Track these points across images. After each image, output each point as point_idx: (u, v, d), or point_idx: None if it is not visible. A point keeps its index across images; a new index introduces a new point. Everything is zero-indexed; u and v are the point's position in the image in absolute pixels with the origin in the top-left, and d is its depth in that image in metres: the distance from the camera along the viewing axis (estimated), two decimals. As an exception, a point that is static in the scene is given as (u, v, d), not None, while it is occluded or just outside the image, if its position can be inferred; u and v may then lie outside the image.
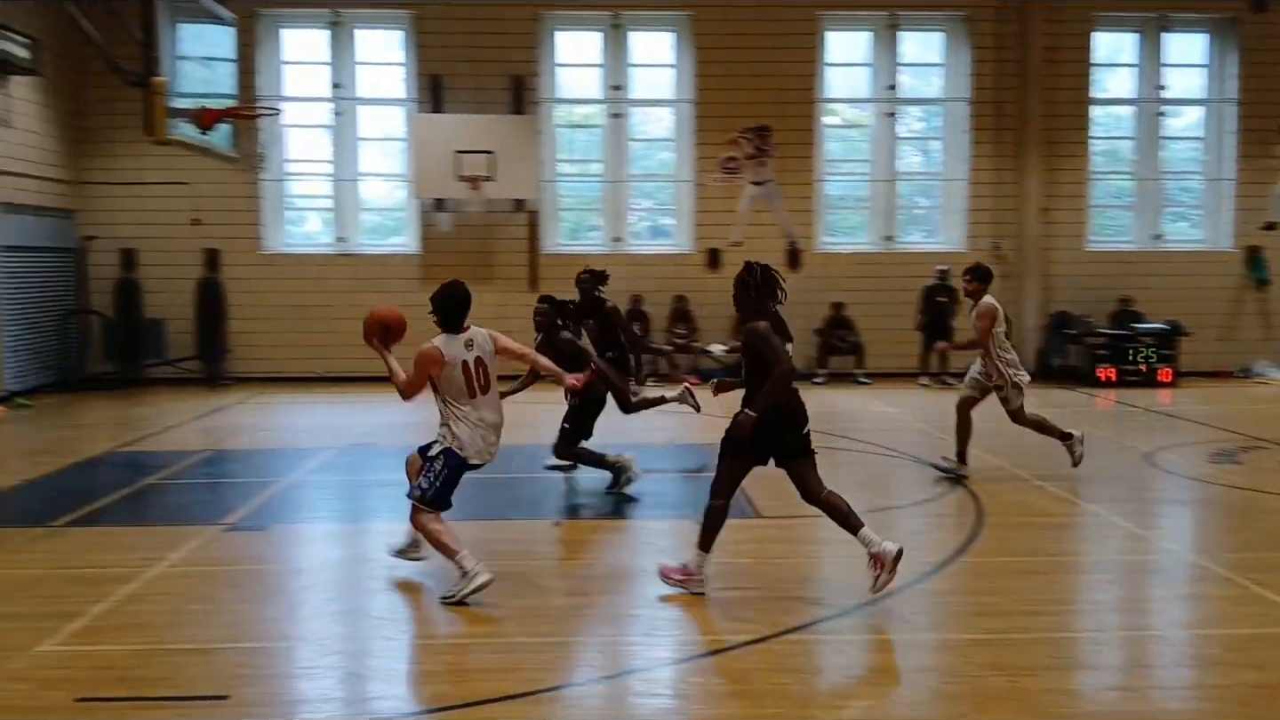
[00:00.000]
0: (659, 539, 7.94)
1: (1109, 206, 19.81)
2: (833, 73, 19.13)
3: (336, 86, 18.53)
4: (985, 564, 7.17)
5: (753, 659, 5.44)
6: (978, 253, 18.77)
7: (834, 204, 19.66)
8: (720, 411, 8.10)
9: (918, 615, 6.26)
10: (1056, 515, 8.57)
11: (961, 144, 18.95)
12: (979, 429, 10.36)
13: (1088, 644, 5.84)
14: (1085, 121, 18.90)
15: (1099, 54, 19.10)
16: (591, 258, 18.69)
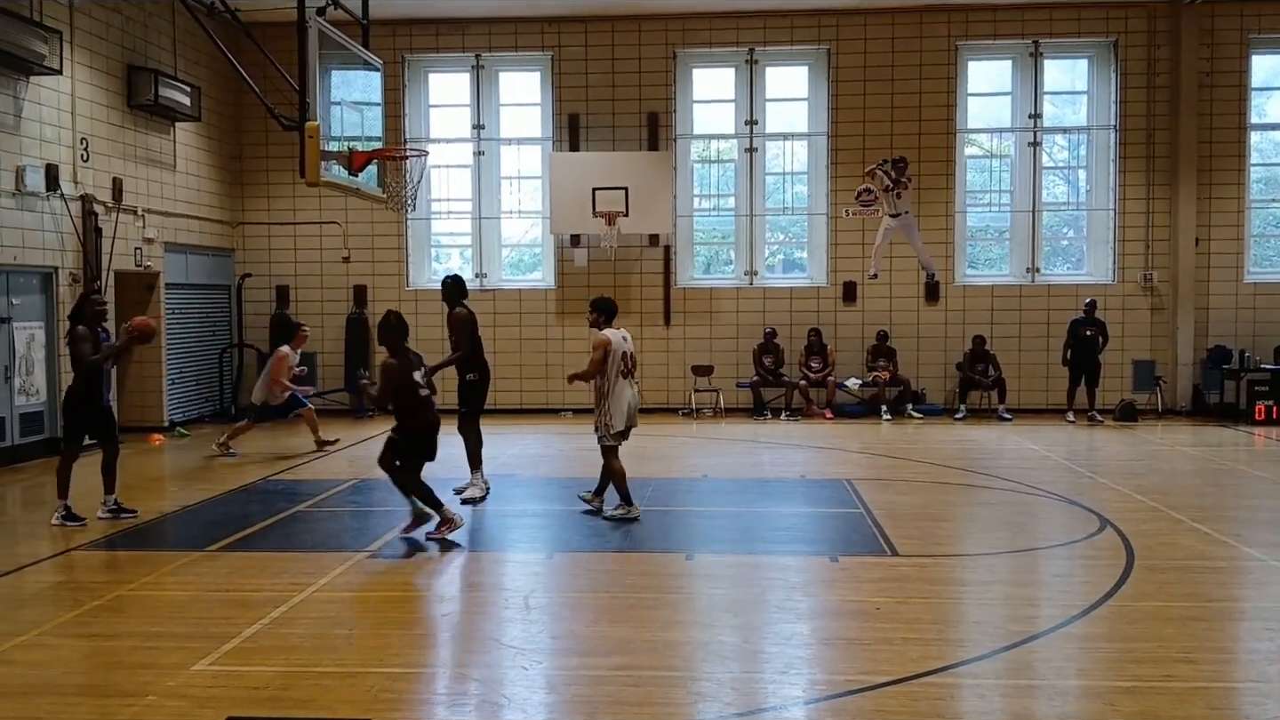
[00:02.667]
0: (790, 574, 7.85)
1: (1270, 236, 18.92)
2: (973, 102, 18.81)
3: (479, 127, 19.05)
4: (1136, 609, 6.87)
5: (889, 701, 5.32)
6: (1127, 284, 18.19)
7: (974, 235, 19.28)
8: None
9: (1064, 661, 6.03)
10: (1214, 559, 8.16)
11: (1109, 173, 18.39)
12: (1130, 468, 9.97)
13: (1248, 695, 5.54)
14: (1242, 147, 18.12)
15: (1257, 77, 18.31)
16: (725, 291, 18.81)
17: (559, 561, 8.43)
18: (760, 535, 9.36)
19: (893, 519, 9.63)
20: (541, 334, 18.78)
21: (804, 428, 16.74)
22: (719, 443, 15.31)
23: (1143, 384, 18.06)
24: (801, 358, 18.23)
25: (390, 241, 18.89)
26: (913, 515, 9.96)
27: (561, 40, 18.59)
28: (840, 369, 18.24)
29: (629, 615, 6.79)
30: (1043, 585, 7.78)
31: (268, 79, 12.44)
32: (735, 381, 18.32)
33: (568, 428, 16.70)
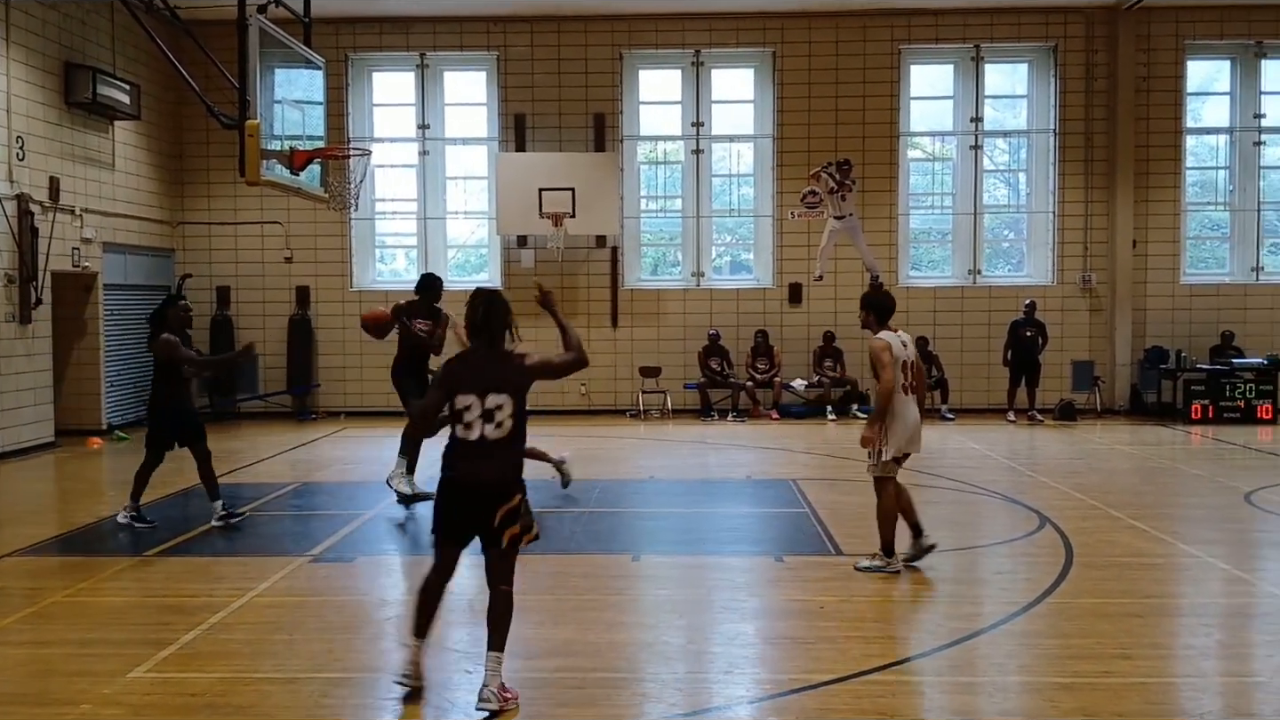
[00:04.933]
0: (736, 575, 7.87)
1: (1205, 238, 19.31)
2: (916, 106, 19.01)
3: (424, 127, 18.92)
4: (1074, 605, 6.97)
5: (833, 699, 5.34)
6: (1066, 286, 18.47)
7: (917, 238, 19.48)
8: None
9: (1005, 658, 6.10)
10: (1151, 556, 8.30)
11: (1048, 176, 18.67)
12: (1069, 466, 10.13)
13: (1184, 690, 5.63)
14: (1179, 151, 18.49)
15: (1192, 82, 18.69)
16: (672, 292, 18.84)
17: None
18: (706, 536, 9.38)
19: (837, 518, 9.70)
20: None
21: (750, 428, 16.81)
22: (666, 444, 15.33)
23: (1081, 384, 18.35)
24: (748, 359, 18.31)
25: (334, 242, 18.70)
26: (857, 515, 10.02)
27: (507, 40, 18.52)
28: (786, 370, 18.34)
29: (574, 617, 6.77)
30: (984, 583, 7.87)
31: (208, 77, 12.25)
32: (683, 383, 18.35)
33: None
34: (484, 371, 5.40)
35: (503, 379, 5.37)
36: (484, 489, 5.30)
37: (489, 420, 5.28)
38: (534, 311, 6.10)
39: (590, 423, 17.41)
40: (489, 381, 5.34)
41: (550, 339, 6.18)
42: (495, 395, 5.31)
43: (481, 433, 5.28)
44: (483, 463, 5.28)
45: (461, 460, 5.31)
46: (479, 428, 5.28)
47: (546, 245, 18.10)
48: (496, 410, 5.29)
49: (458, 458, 5.33)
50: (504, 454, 5.32)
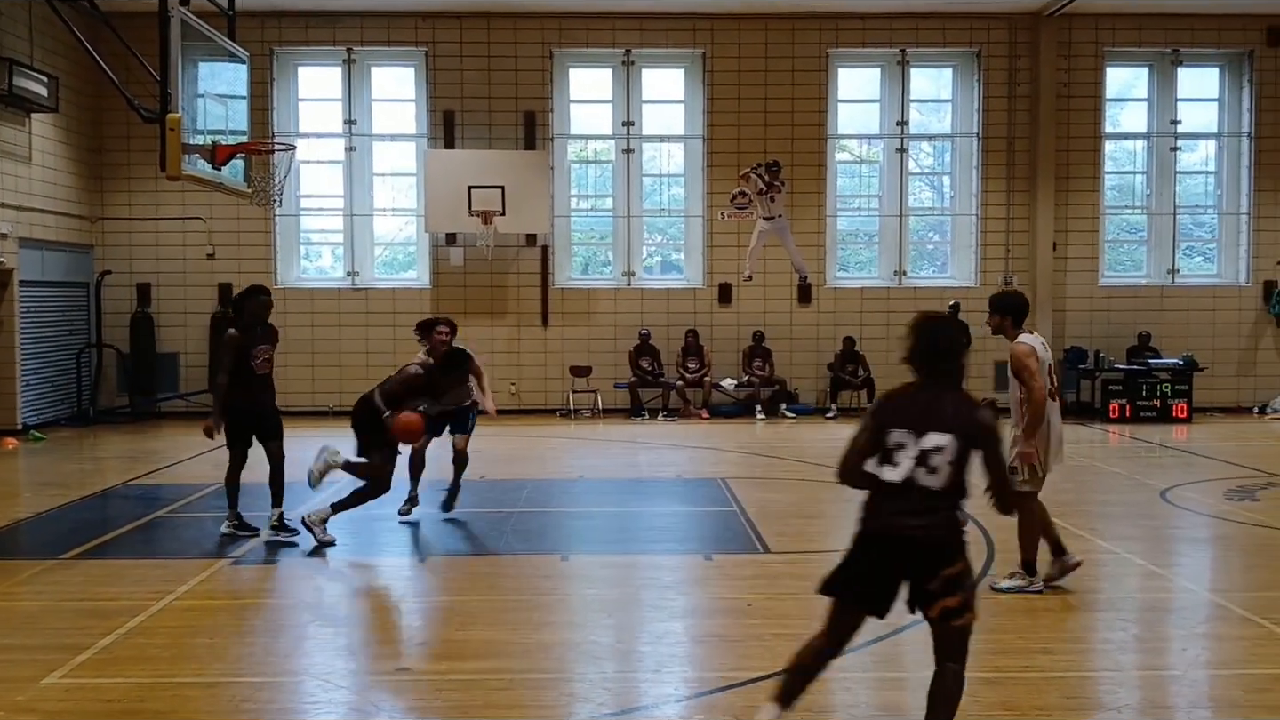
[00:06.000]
0: (664, 573, 7.89)
1: (1123, 241, 19.78)
2: (843, 109, 19.22)
3: (350, 123, 18.69)
4: (996, 601, 7.09)
5: (760, 696, 5.35)
6: (989, 287, 18.77)
7: (845, 239, 19.69)
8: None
9: (928, 654, 6.18)
10: (1070, 551, 8.44)
11: (972, 179, 18.99)
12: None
13: (1103, 684, 5.76)
14: (1098, 156, 18.92)
15: (1111, 89, 19.13)
16: (603, 292, 18.83)
17: (431, 565, 8.31)
18: (636, 535, 9.40)
19: (766, 517, 9.77)
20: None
21: (681, 428, 16.87)
22: (596, 443, 15.33)
23: (1004, 383, 18.62)
24: (679, 358, 18.37)
25: (258, 238, 18.39)
26: (785, 513, 10.13)
27: (436, 36, 18.36)
28: (716, 369, 18.43)
29: (502, 618, 6.73)
30: (909, 580, 7.96)
31: (129, 69, 11.96)
32: (613, 382, 18.35)
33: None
34: (929, 409, 4.45)
35: (949, 418, 4.41)
36: (916, 546, 4.40)
37: (922, 464, 4.37)
38: (457, 310, 6.02)
39: (520, 422, 17.33)
40: (931, 420, 4.41)
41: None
42: (936, 435, 4.38)
43: (911, 477, 4.38)
44: (915, 515, 4.37)
45: (888, 509, 4.42)
46: (909, 472, 4.38)
47: (476, 243, 17.99)
48: (935, 453, 4.37)
49: (883, 506, 4.45)
50: (943, 506, 4.41)
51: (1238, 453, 13.76)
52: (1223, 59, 19.04)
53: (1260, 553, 8.62)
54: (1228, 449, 14.11)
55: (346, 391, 17.51)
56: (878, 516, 4.44)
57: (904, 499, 4.35)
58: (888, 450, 4.42)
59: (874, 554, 4.45)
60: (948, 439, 4.35)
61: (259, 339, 8.84)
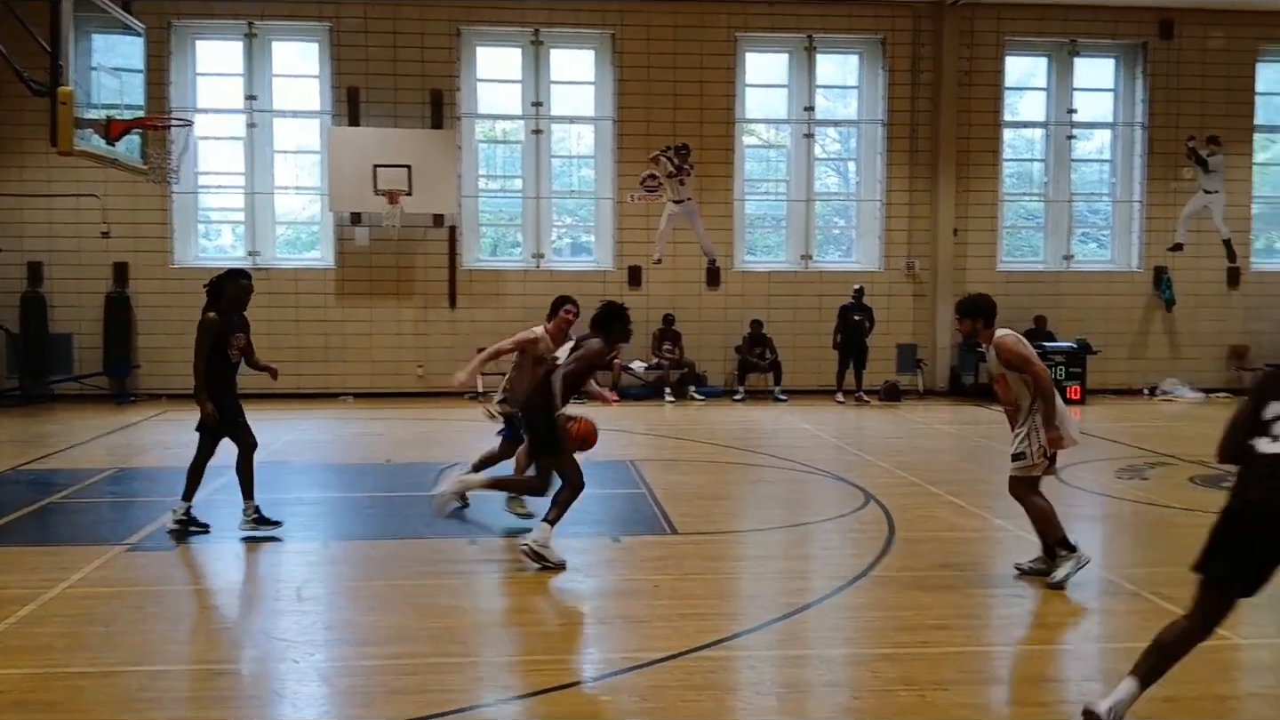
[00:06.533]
0: (572, 555, 7.90)
1: (1020, 227, 20.27)
2: (751, 93, 19.34)
3: (251, 98, 18.25)
4: (896, 578, 7.26)
5: (665, 676, 5.43)
6: (892, 272, 19.13)
7: (753, 223, 19.85)
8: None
9: (831, 631, 6.31)
10: (967, 530, 8.71)
11: (877, 165, 19.27)
12: (893, 445, 10.51)
13: (997, 658, 5.94)
14: (997, 144, 19.34)
15: (1011, 78, 19.56)
16: (512, 273, 18.72)
17: (335, 550, 8.20)
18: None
19: (674, 498, 9.84)
20: (320, 315, 18.18)
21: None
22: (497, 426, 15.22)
23: (905, 366, 19.07)
24: (587, 340, 18.32)
25: (154, 216, 17.86)
26: (693, 494, 10.22)
27: (340, 11, 18.01)
28: (626, 352, 18.41)
29: (408, 603, 6.68)
30: (812, 559, 8.12)
31: (18, 40, 11.48)
32: (521, 364, 18.23)
33: (346, 413, 16.30)
34: None
35: None
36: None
37: None
38: (362, 291, 5.94)
39: (427, 405, 17.17)
40: None
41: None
42: None
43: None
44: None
45: (1266, 482, 4.26)
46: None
47: (381, 223, 17.72)
48: None
49: (1259, 479, 4.29)
50: None
51: (1129, 433, 14.23)
52: (1118, 50, 19.59)
53: (1149, 530, 8.94)
54: (1119, 430, 14.59)
55: (245, 374, 17.08)
56: (1255, 489, 4.30)
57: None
58: (1265, 423, 4.36)
59: (1251, 529, 4.29)
60: None
61: (236, 325, 8.51)
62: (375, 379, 18.11)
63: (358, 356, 18.01)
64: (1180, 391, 18.82)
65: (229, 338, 8.43)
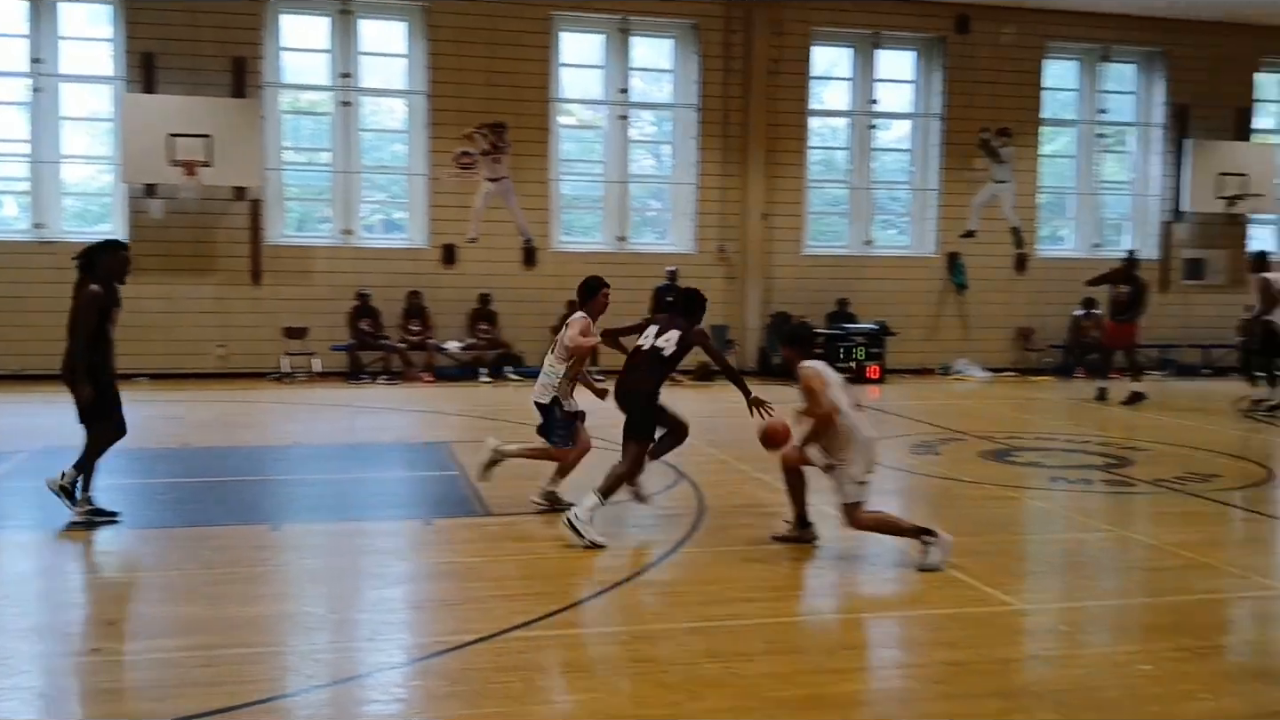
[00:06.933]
0: (382, 540, 7.77)
1: (825, 213, 20.92)
2: (567, 73, 19.30)
3: (36, 61, 17.10)
4: (705, 554, 7.42)
5: (476, 658, 5.39)
6: (706, 254, 19.47)
7: (569, 203, 19.85)
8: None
9: (641, 606, 6.40)
10: (772, 506, 8.89)
11: (690, 149, 19.54)
12: (704, 424, 10.68)
13: (801, 628, 6.14)
14: (804, 131, 19.88)
15: (817, 67, 20.13)
16: (320, 250, 18.18)
17: (129, 538, 7.80)
18: (354, 502, 9.19)
19: (488, 480, 9.74)
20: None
21: (403, 391, 16.58)
22: (313, 408, 14.83)
23: (718, 346, 19.38)
24: (400, 320, 18.00)
25: (-75, 184, 16.56)
26: (508, 475, 10.10)
27: (134, -28, 17.05)
28: (440, 332, 18.20)
29: (203, 593, 6.41)
30: (625, 536, 8.19)
31: None
32: (330, 344, 17.77)
33: (142, 395, 15.52)
34: None
35: None
36: None
37: None
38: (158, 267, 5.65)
39: (229, 386, 16.53)
40: None
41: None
42: None
43: None
44: None
45: None
46: None
47: (178, 195, 16.91)
48: None
49: None
50: None
51: (923, 411, 14.91)
52: (918, 43, 20.42)
53: (939, 501, 9.39)
54: (914, 408, 15.27)
55: (31, 354, 16.08)
56: None
57: None
58: None
59: None
60: None
61: (116, 299, 7.96)
62: (173, 359, 17.28)
63: (154, 335, 17.12)
64: (971, 371, 19.83)
65: (111, 311, 7.92)
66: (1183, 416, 14.68)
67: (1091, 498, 9.71)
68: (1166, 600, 6.72)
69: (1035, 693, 5.19)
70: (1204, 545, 7.91)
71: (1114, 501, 9.63)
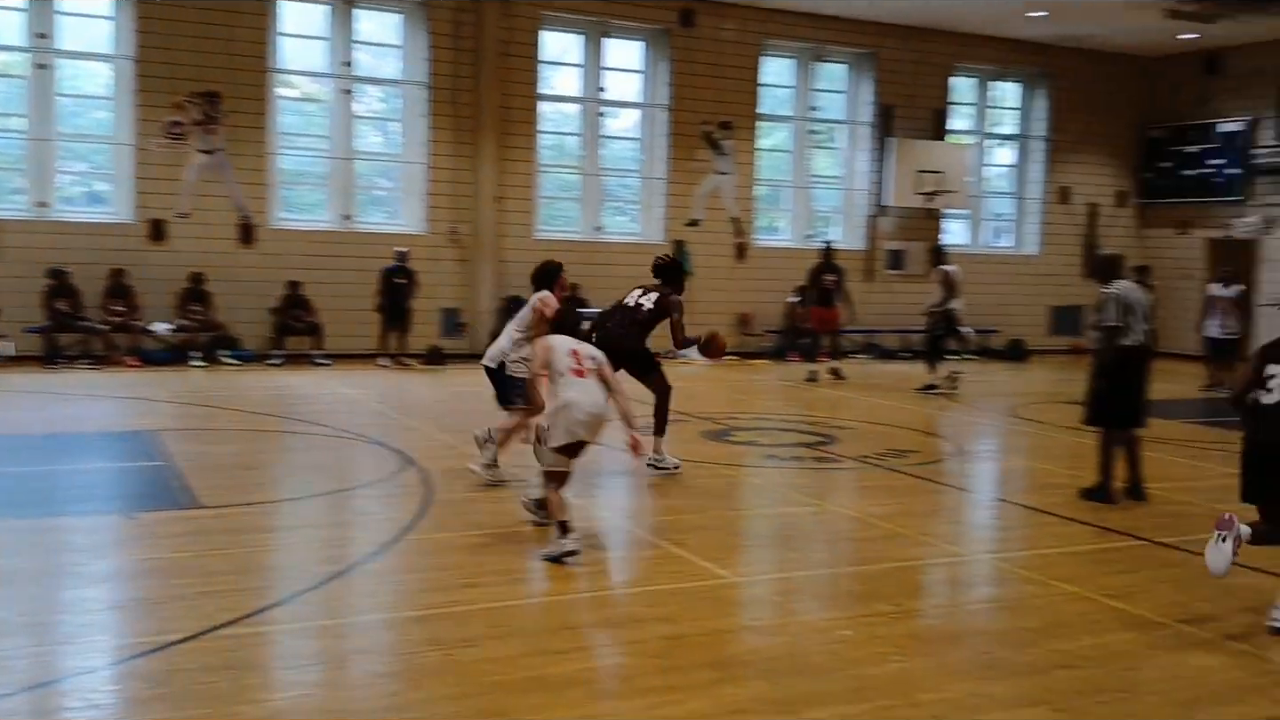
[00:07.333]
0: (79, 537, 7.25)
1: (557, 198, 21.08)
2: (288, 43, 18.52)
3: None
4: (430, 540, 7.35)
5: (181, 659, 5.12)
6: (437, 236, 19.23)
7: (290, 179, 19.10)
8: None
9: (361, 597, 6.27)
10: (501, 490, 8.94)
11: (420, 127, 19.20)
12: (434, 409, 10.58)
13: (524, 611, 6.17)
14: (535, 116, 19.93)
15: (548, 52, 20.21)
16: (12, 224, 16.70)
17: None
18: (48, 496, 8.52)
19: (200, 470, 9.28)
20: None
21: (106, 377, 15.48)
22: (3, 395, 13.64)
23: (449, 329, 19.25)
24: (103, 300, 16.78)
25: None
26: (221, 465, 9.71)
27: None
28: (147, 313, 17.09)
29: None
30: (347, 525, 8.02)
31: None
32: (23, 326, 16.33)
33: None
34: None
35: None
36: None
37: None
38: None
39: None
40: None
41: None
42: None
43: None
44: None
45: (1265, 426, 5.88)
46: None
47: None
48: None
49: (1266, 424, 5.87)
50: None
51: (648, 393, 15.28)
52: (645, 34, 20.84)
53: (662, 480, 9.66)
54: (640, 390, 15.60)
55: None
56: (1263, 432, 5.91)
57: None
58: (1264, 379, 5.92)
59: (1263, 459, 5.88)
60: None
61: None
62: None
63: None
64: (692, 355, 20.47)
65: None
66: (884, 396, 15.76)
67: (802, 474, 10.30)
68: (866, 569, 7.20)
69: (745, 661, 5.46)
70: (900, 516, 8.54)
71: (822, 477, 10.25)
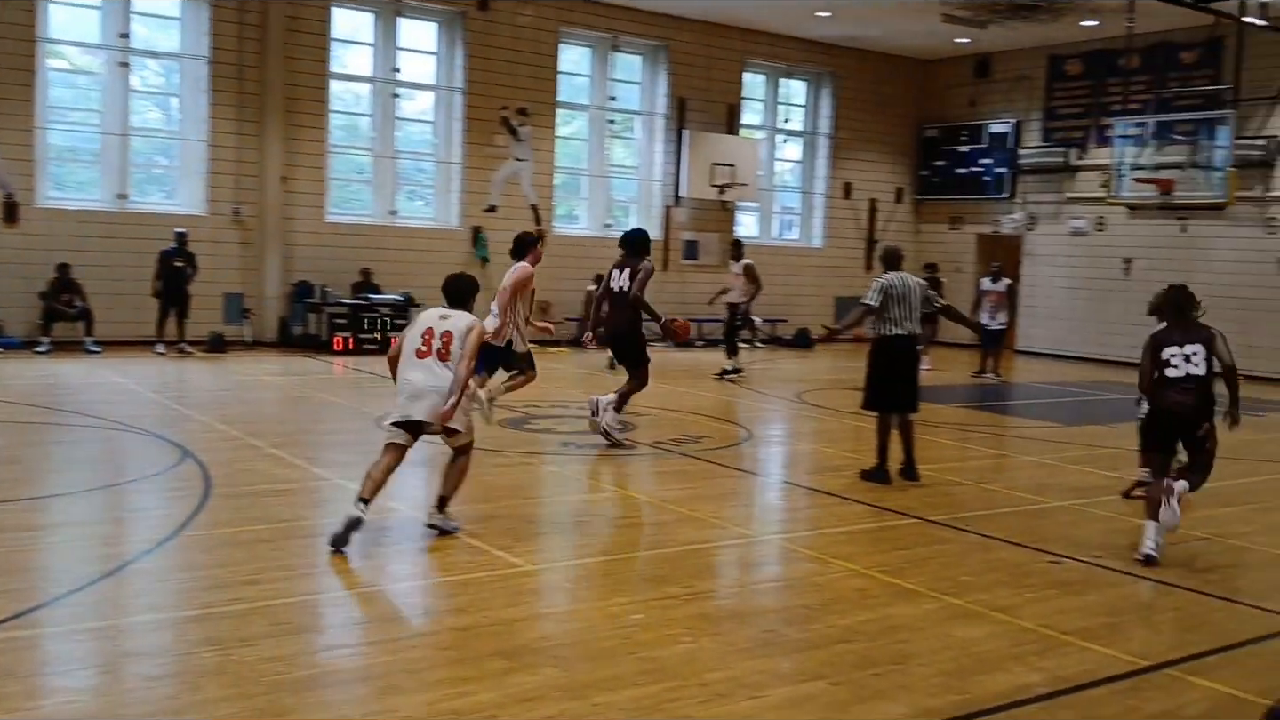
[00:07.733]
0: None
1: (348, 180, 20.51)
2: (57, 11, 17.35)
3: None
4: (209, 536, 7.04)
5: (-71, 671, 4.74)
6: (219, 216, 18.41)
7: (60, 156, 17.92)
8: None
9: (133, 597, 5.95)
10: (286, 482, 8.68)
11: (201, 104, 18.33)
12: (216, 399, 10.15)
13: (307, 607, 5.99)
14: (325, 95, 19.32)
15: (338, 30, 19.60)
16: None
17: None
18: None
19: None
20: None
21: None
22: None
23: (232, 316, 18.47)
24: None
25: None
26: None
27: None
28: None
29: None
30: (119, 522, 7.61)
31: None
32: None
33: None
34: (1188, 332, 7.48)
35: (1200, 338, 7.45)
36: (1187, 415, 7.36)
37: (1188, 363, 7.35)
38: None
39: None
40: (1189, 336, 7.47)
41: None
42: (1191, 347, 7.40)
43: (1186, 372, 7.33)
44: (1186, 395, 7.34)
45: (1172, 394, 7.37)
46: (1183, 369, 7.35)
47: None
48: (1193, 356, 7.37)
49: (1169, 392, 7.38)
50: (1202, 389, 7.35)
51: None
52: (440, 15, 20.49)
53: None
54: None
55: None
56: (1166, 400, 7.39)
57: (1179, 386, 7.35)
58: (1163, 361, 7.40)
59: (1168, 419, 7.43)
60: (1199, 347, 7.39)
61: None
62: None
63: None
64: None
65: None
66: (678, 384, 16.05)
67: (599, 461, 10.38)
68: (658, 553, 7.33)
69: (537, 649, 5.45)
70: (692, 500, 8.72)
71: (618, 464, 10.35)
